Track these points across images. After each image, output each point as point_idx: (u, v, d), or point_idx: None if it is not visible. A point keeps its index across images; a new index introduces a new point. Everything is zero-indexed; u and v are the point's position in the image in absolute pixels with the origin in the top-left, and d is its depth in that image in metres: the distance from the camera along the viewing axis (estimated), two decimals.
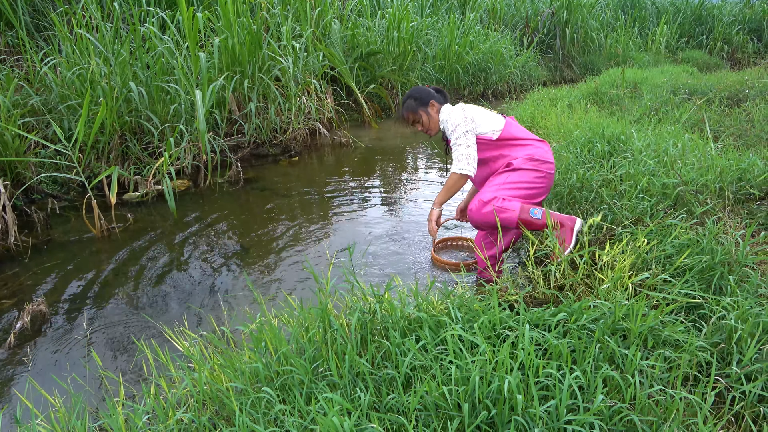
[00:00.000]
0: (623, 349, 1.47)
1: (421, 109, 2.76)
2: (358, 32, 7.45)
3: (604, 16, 12.55)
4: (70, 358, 2.41)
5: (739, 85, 5.74)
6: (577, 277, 1.95)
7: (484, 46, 9.18)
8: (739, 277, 1.88)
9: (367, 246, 3.43)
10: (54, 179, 4.45)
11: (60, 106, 4.57)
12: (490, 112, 2.65)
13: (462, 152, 2.50)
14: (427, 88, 2.80)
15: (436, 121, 2.75)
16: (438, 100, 2.77)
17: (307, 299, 2.87)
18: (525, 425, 1.28)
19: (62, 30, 4.85)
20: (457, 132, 2.53)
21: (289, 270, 3.19)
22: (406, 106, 2.80)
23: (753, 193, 2.62)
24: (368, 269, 3.18)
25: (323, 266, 3.23)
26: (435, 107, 2.75)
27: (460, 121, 2.54)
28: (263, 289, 2.99)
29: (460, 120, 2.55)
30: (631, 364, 1.40)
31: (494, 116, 2.61)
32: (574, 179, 2.91)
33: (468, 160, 2.48)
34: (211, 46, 5.29)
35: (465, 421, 1.26)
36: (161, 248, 3.52)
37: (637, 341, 1.53)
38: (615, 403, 1.33)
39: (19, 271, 3.21)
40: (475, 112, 2.60)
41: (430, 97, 2.76)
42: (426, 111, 2.76)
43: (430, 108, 2.75)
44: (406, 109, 2.80)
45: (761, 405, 1.41)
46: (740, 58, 13.57)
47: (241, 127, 5.62)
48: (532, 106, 5.63)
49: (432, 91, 2.80)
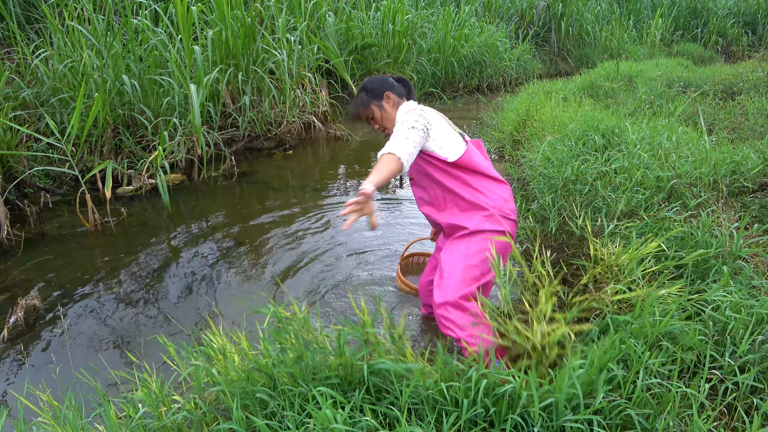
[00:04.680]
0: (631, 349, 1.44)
1: (374, 103, 2.20)
2: (353, 25, 7.42)
3: (599, 9, 12.52)
4: (62, 352, 2.40)
5: (733, 78, 5.74)
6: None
7: (479, 39, 9.16)
8: (732, 269, 1.89)
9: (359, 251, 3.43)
10: (47, 173, 4.41)
11: (52, 99, 4.53)
12: (453, 132, 2.10)
13: (398, 136, 1.87)
14: (385, 77, 2.27)
15: (392, 118, 2.18)
16: (397, 93, 2.22)
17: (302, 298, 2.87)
18: (522, 424, 1.28)
19: (54, 22, 4.79)
20: (399, 124, 1.96)
21: (282, 264, 3.18)
22: (357, 100, 2.26)
23: (746, 186, 2.63)
24: (359, 272, 3.18)
25: (318, 264, 3.23)
26: (391, 100, 2.19)
27: (410, 116, 1.97)
28: (256, 284, 2.98)
29: (411, 116, 1.97)
30: (638, 362, 1.40)
31: (457, 137, 2.08)
32: (569, 172, 2.91)
33: (404, 145, 1.82)
34: (204, 38, 5.25)
35: (462, 416, 1.26)
36: (155, 242, 3.50)
37: (648, 340, 1.51)
38: (616, 399, 1.33)
39: (11, 265, 3.19)
40: (436, 119, 2.07)
41: (386, 87, 2.20)
42: (379, 105, 2.20)
43: (384, 101, 2.19)
44: (357, 104, 2.26)
45: (754, 396, 1.42)
46: (735, 51, 13.59)
47: (236, 120, 5.59)
48: (527, 99, 5.62)
49: (392, 81, 2.25)
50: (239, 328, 2.56)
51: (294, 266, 3.16)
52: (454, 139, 2.05)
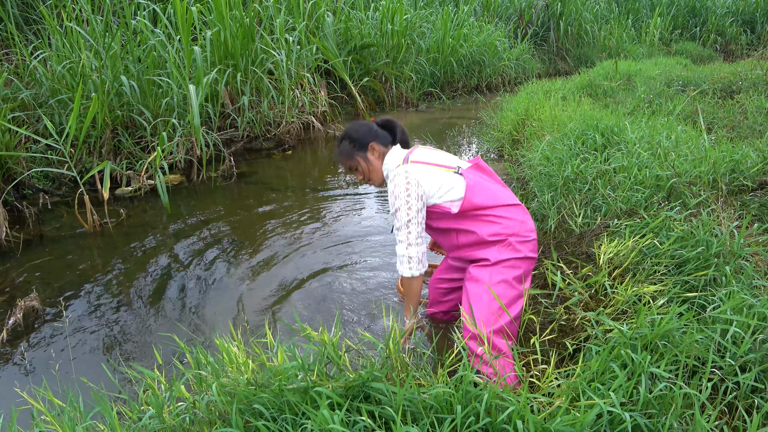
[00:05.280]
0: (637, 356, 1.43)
1: (358, 155, 2.13)
2: (352, 25, 7.41)
3: (598, 8, 12.52)
4: (62, 353, 2.40)
5: (732, 77, 5.74)
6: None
7: (478, 39, 9.16)
8: (733, 268, 1.88)
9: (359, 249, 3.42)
10: (45, 174, 4.41)
11: (51, 101, 4.52)
12: (448, 173, 1.99)
13: (402, 252, 1.95)
14: (370, 125, 2.17)
15: (377, 170, 2.13)
16: (382, 141, 2.13)
17: (300, 302, 2.87)
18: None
19: (52, 23, 4.78)
20: (397, 210, 1.94)
21: (282, 264, 3.18)
22: (340, 149, 2.18)
23: (746, 185, 2.63)
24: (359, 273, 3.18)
25: (318, 264, 3.22)
26: (376, 152, 2.11)
27: (401, 193, 1.92)
28: (255, 285, 2.98)
29: (401, 192, 1.92)
30: (639, 367, 1.38)
31: (451, 179, 1.97)
32: (568, 171, 2.91)
33: (410, 261, 1.94)
34: (203, 39, 5.24)
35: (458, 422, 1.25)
36: (154, 243, 3.50)
37: (649, 347, 1.50)
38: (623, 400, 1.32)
39: (10, 266, 3.19)
40: (425, 175, 1.96)
41: (371, 137, 2.12)
42: (364, 157, 2.12)
43: (369, 153, 2.12)
44: (340, 153, 2.18)
45: (754, 395, 1.42)
46: (733, 50, 13.59)
47: (234, 120, 5.58)
48: (526, 98, 5.62)
49: (375, 128, 2.16)
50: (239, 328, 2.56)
51: (294, 266, 3.15)
52: (449, 181, 1.97)
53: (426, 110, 8.14)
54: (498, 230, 1.93)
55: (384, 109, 7.88)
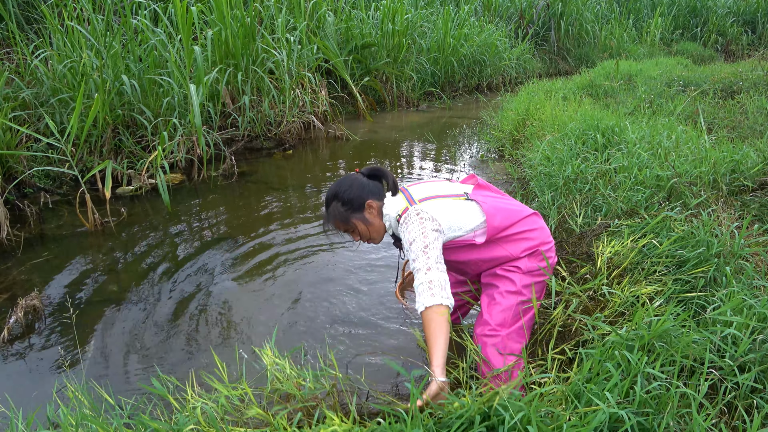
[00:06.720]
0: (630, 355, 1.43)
1: (355, 218, 1.87)
2: (353, 24, 7.41)
3: (598, 8, 12.53)
4: (62, 352, 2.40)
5: (733, 77, 5.75)
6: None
7: (479, 39, 9.16)
8: (733, 268, 1.88)
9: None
10: (46, 173, 4.41)
11: (52, 100, 4.53)
12: (457, 201, 1.85)
13: (422, 279, 1.63)
14: (359, 180, 1.89)
15: (379, 229, 1.90)
16: (376, 195, 1.88)
17: (303, 304, 2.87)
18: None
19: (53, 22, 4.79)
20: (412, 242, 1.71)
21: (282, 266, 3.18)
22: (331, 211, 1.89)
23: (746, 185, 2.63)
24: (359, 274, 3.18)
25: (319, 264, 3.23)
26: (374, 209, 1.86)
27: (417, 234, 1.70)
28: (256, 285, 2.98)
29: (416, 233, 1.71)
30: (635, 367, 1.39)
31: (465, 207, 1.84)
32: (569, 171, 2.91)
33: (431, 286, 1.61)
34: (204, 38, 5.25)
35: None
36: (155, 242, 3.50)
37: (645, 348, 1.50)
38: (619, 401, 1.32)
39: (11, 265, 3.19)
40: (440, 210, 1.79)
41: (365, 195, 1.86)
42: (362, 218, 1.87)
43: (367, 212, 1.86)
44: (333, 217, 1.89)
45: (754, 396, 1.42)
46: (734, 50, 13.59)
47: (235, 120, 5.58)
48: (527, 98, 5.62)
49: (365, 181, 1.89)
50: (239, 328, 2.56)
51: (295, 267, 3.15)
52: (464, 210, 1.83)
53: (427, 110, 8.15)
54: (528, 245, 1.85)
55: (384, 109, 7.88)
